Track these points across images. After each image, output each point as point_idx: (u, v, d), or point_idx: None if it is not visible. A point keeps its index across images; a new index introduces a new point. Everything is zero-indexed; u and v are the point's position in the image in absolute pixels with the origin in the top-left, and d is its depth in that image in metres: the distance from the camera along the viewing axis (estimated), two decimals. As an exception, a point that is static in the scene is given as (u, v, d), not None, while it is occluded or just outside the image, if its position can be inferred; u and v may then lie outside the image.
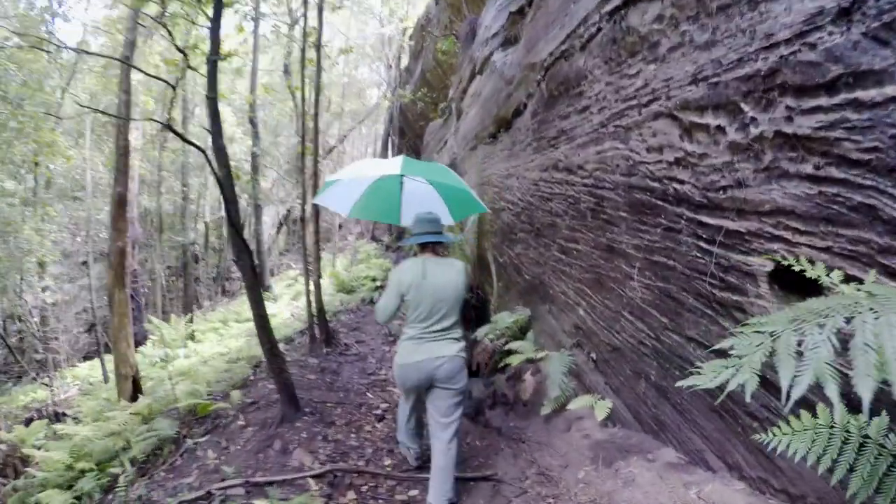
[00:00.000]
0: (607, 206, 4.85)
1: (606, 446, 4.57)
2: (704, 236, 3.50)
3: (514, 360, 5.78)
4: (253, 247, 18.06)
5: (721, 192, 3.29)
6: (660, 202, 4.00)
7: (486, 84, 9.39)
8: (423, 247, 3.78)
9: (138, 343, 11.79)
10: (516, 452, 4.83)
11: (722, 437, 3.65)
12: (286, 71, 18.37)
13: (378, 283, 11.91)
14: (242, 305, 13.27)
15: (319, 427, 5.13)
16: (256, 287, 5.23)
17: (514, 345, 6.37)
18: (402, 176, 4.57)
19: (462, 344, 3.70)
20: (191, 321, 13.62)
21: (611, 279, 4.85)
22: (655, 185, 4.02)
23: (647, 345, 4.39)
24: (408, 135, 24.72)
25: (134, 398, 7.68)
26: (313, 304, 8.23)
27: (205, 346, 9.70)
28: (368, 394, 6.46)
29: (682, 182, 3.72)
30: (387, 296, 3.59)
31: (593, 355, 5.37)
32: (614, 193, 4.71)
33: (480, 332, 7.19)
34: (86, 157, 18.24)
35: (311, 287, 8.42)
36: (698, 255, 3.57)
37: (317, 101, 9.00)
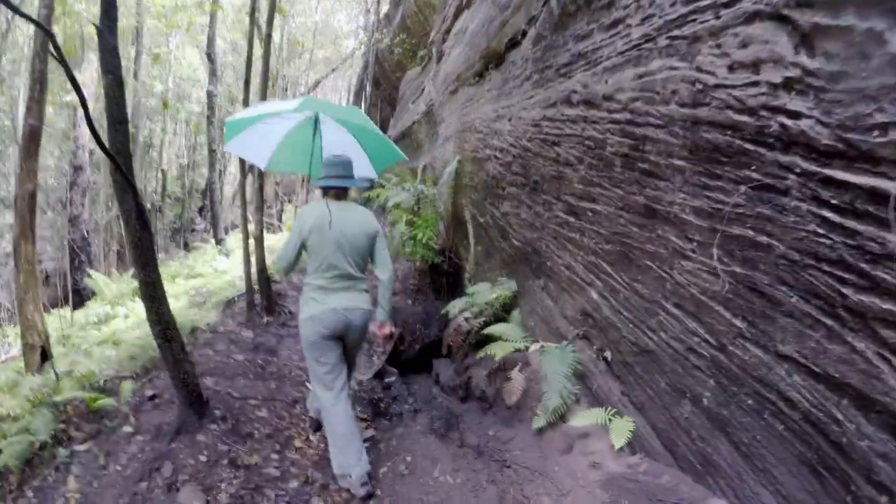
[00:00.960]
0: (650, 151, 3.39)
1: (628, 487, 3.26)
2: (834, 202, 2.31)
3: (498, 352, 4.41)
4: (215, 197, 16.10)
5: (874, 133, 2.11)
6: (750, 146, 2.72)
7: (475, 16, 7.77)
8: (329, 190, 3.45)
9: (85, 299, 10.02)
10: (502, 489, 3.46)
11: (813, 501, 2.55)
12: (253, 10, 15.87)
13: None
14: (198, 259, 11.65)
15: (230, 441, 3.66)
16: (145, 241, 3.59)
17: (496, 328, 4.97)
18: (317, 123, 4.22)
19: (368, 296, 3.46)
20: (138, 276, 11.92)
21: (647, 255, 3.45)
22: (745, 119, 2.66)
23: (702, 354, 3.04)
24: (383, 85, 22.85)
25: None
26: (253, 264, 6.59)
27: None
28: (308, 385, 4.96)
29: (796, 115, 2.45)
30: (287, 241, 3.27)
31: (607, 354, 4.00)
32: (665, 133, 3.25)
33: (453, 307, 5.76)
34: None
35: (252, 243, 6.79)
36: (819, 230, 2.38)
37: (267, 40, 7.19)
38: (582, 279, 4.38)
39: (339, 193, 3.43)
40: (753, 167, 2.70)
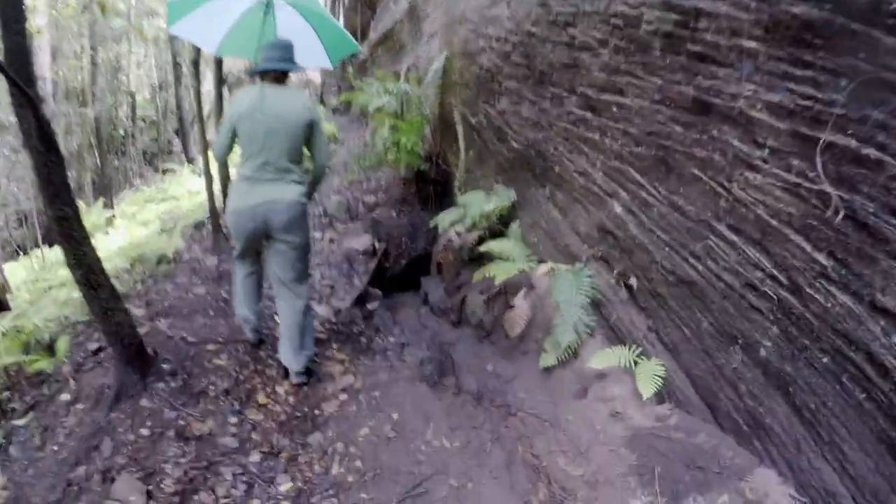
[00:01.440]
0: (706, 29, 2.57)
1: (658, 447, 2.80)
2: None
3: (499, 275, 3.79)
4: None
5: None
6: (859, 25, 2.00)
7: None
8: (266, 74, 3.06)
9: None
10: (508, 449, 2.94)
11: (887, 486, 2.08)
12: None
13: None
14: (172, 182, 10.67)
15: (179, 405, 3.04)
16: (53, 167, 2.75)
17: (494, 245, 4.28)
18: (270, 6, 3.90)
19: (302, 188, 3.08)
20: (111, 206, 11.41)
21: (695, 162, 2.75)
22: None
23: (765, 294, 2.44)
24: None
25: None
26: (217, 182, 5.67)
27: (116, 238, 7.26)
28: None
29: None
30: (221, 129, 3.02)
31: (632, 281, 3.36)
32: (729, 5, 2.42)
33: (443, 220, 5.04)
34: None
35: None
36: None
37: None
38: (601, 189, 3.62)
39: (279, 77, 3.08)
40: (862, 55, 1.97)
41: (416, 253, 6.28)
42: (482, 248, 4.35)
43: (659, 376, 3.06)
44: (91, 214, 8.63)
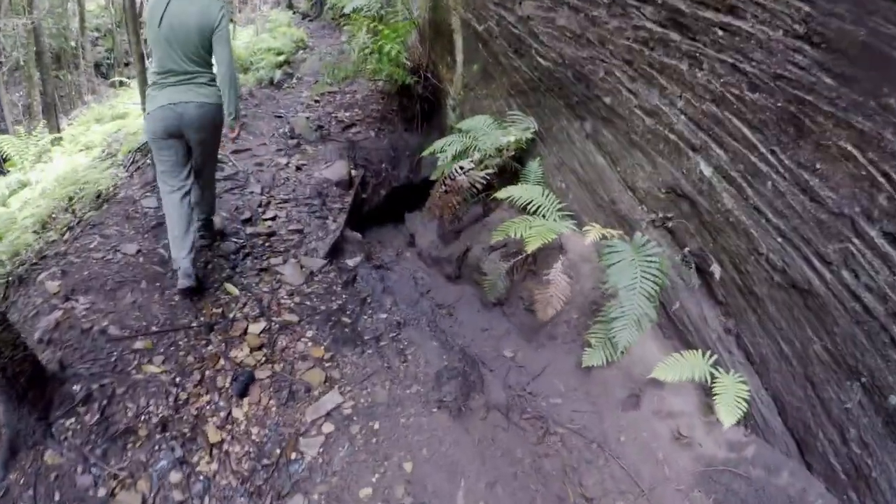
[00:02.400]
0: None
1: (737, 489, 2.24)
2: None
3: (532, 240, 2.92)
4: None
5: None
6: None
7: None
8: None
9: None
10: (557, 493, 2.24)
11: None
12: None
13: (284, 58, 7.58)
14: (123, 98, 8.75)
15: (96, 456, 2.11)
16: None
17: (518, 192, 3.40)
18: None
19: (213, 89, 3.06)
20: (56, 128, 10.12)
21: (849, 133, 2.11)
22: None
23: None
24: None
25: None
26: None
27: (54, 168, 5.80)
28: (243, 281, 3.28)
29: None
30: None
31: (715, 269, 2.57)
32: None
33: (441, 151, 4.07)
34: None
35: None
36: None
37: None
38: (681, 138, 2.75)
39: None
40: None
41: (398, 183, 5.29)
42: (501, 195, 3.39)
43: (743, 399, 2.42)
44: (29, 141, 6.97)
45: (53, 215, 3.99)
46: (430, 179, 5.37)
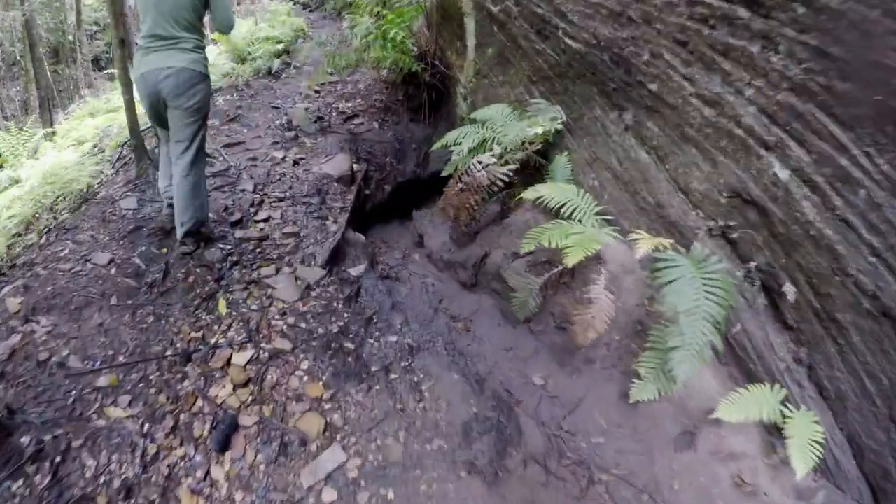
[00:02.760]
0: None
1: None
2: None
3: (573, 252, 2.50)
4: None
5: None
6: None
7: None
8: None
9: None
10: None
11: None
12: None
13: (283, 47, 7.09)
14: (118, 91, 8.21)
15: None
16: None
17: (548, 191, 2.97)
18: None
19: (196, 56, 3.00)
20: (50, 122, 9.86)
21: None
22: None
23: None
24: None
25: None
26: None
27: (43, 164, 5.43)
28: (228, 297, 2.84)
29: None
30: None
31: (788, 289, 2.18)
32: None
33: (458, 143, 3.62)
34: None
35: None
36: None
37: None
38: (751, 133, 2.33)
39: None
40: None
41: (404, 177, 4.84)
42: (528, 195, 2.96)
43: (818, 443, 2.03)
44: (19, 137, 6.53)
45: (38, 215, 3.57)
46: (439, 174, 4.94)
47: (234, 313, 2.74)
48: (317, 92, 5.32)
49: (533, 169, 3.63)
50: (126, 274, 2.81)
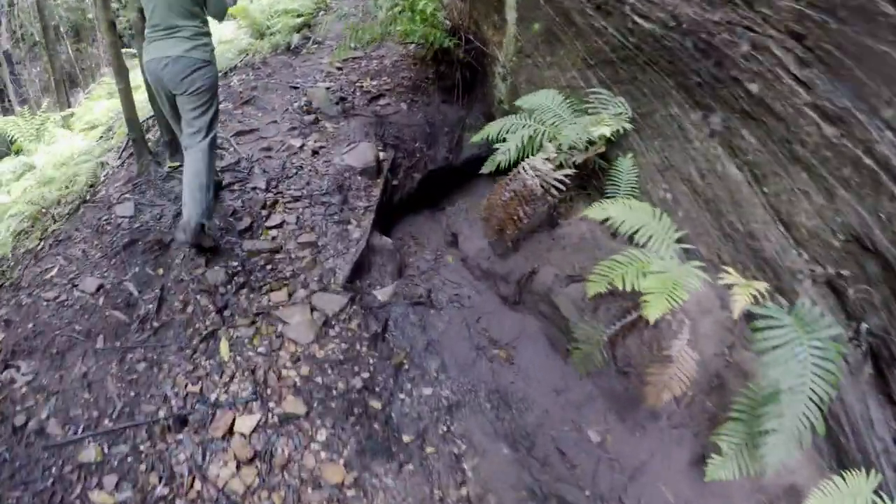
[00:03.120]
0: None
1: None
2: None
3: (653, 302, 2.07)
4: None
5: None
6: None
7: None
8: None
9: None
10: None
11: None
12: None
13: (303, 20, 6.48)
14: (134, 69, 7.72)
15: None
16: None
17: (617, 212, 2.51)
18: None
19: (197, 43, 3.01)
20: (67, 105, 9.39)
21: None
22: None
23: None
24: None
25: None
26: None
27: (52, 152, 5.16)
28: (232, 333, 2.45)
29: None
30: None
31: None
32: None
33: (499, 138, 3.12)
34: None
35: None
36: None
37: None
38: (886, 166, 1.91)
39: None
40: None
41: (435, 165, 4.35)
42: (594, 214, 2.47)
43: None
44: (33, 121, 6.22)
45: (45, 210, 3.25)
46: (473, 161, 4.43)
47: (239, 358, 2.37)
48: (339, 69, 4.77)
49: (589, 171, 3.12)
50: (116, 304, 2.46)
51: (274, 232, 3.19)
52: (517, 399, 2.57)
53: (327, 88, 4.44)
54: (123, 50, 4.50)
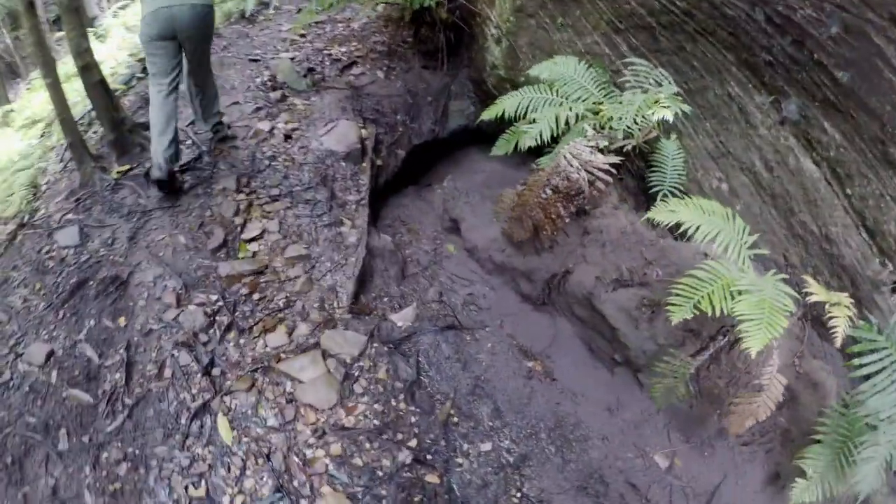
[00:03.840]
0: None
1: None
2: None
3: (755, 335, 1.76)
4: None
5: None
6: None
7: None
8: None
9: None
10: None
11: None
12: None
13: None
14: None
15: None
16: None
17: (687, 215, 2.16)
18: None
19: None
20: (5, 99, 8.01)
21: None
22: None
23: None
24: None
25: None
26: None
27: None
28: (227, 404, 1.98)
29: None
30: None
31: None
32: None
33: (524, 116, 2.84)
34: None
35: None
36: None
37: None
38: None
39: None
40: None
41: (419, 139, 3.89)
42: (661, 218, 2.11)
43: None
44: None
45: None
46: (461, 132, 3.97)
47: (245, 439, 1.91)
48: (302, 36, 4.07)
49: (624, 155, 2.78)
50: (74, 379, 1.96)
51: (254, 246, 2.68)
52: (572, 427, 2.34)
53: (292, 59, 3.80)
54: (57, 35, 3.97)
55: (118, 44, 6.00)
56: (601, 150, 2.58)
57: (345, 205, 3.06)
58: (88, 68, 2.97)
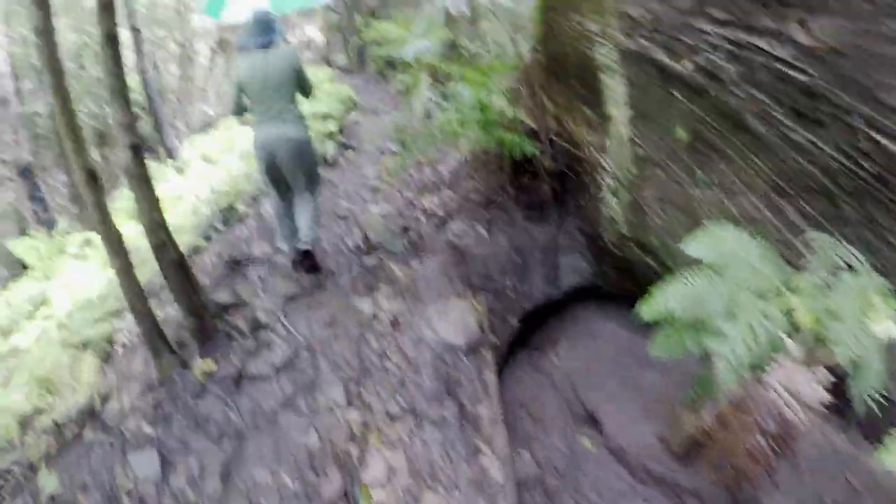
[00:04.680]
0: None
1: None
2: None
3: None
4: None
5: None
6: None
7: None
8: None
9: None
10: None
11: None
12: None
13: (335, 125, 5.61)
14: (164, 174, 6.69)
15: None
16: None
17: None
18: None
19: (300, 125, 3.46)
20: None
21: None
22: None
23: None
24: None
25: None
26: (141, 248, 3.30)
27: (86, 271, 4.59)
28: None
29: None
30: (231, 91, 3.62)
31: None
32: None
33: (709, 330, 2.29)
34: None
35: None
36: None
37: None
38: None
39: (265, 45, 3.45)
40: None
41: (531, 303, 3.49)
42: None
43: None
44: (50, 245, 5.59)
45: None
46: (576, 292, 3.54)
47: None
48: (393, 187, 3.88)
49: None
50: None
51: (380, 495, 2.21)
52: None
53: (385, 216, 3.62)
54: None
55: (197, 175, 5.95)
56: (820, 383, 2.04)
57: (477, 422, 2.58)
58: (163, 246, 2.73)
